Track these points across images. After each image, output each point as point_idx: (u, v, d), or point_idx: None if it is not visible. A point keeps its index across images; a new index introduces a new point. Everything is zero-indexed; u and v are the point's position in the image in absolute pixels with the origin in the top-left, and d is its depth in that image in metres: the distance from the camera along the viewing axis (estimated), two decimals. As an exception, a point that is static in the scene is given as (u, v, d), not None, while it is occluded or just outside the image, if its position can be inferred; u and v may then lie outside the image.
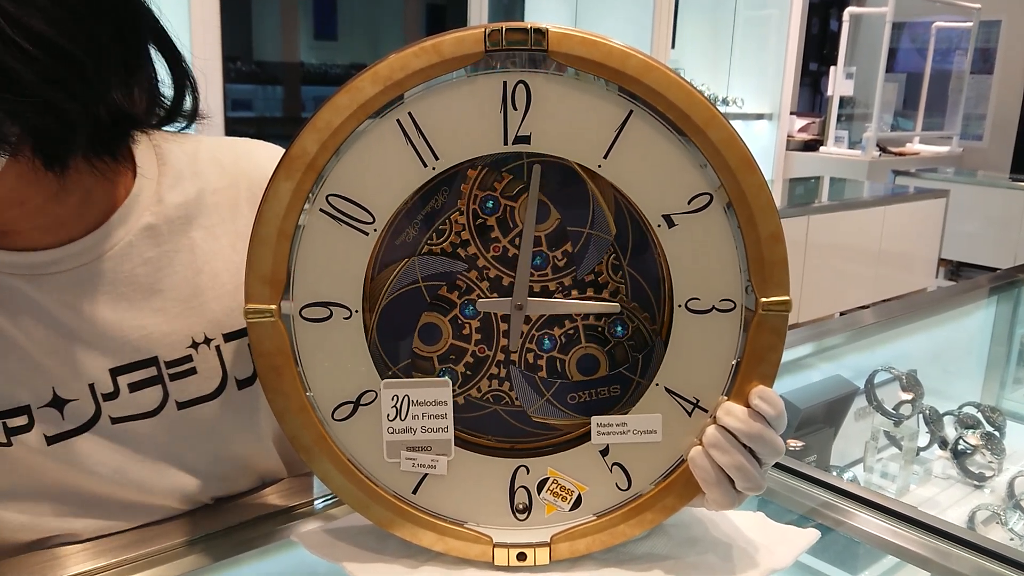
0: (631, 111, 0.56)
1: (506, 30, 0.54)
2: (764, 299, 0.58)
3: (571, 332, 0.63)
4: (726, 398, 0.61)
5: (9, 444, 0.66)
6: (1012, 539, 1.22)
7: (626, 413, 0.62)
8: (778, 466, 0.92)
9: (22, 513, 0.69)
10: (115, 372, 0.69)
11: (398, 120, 0.56)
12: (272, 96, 4.04)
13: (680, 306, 0.60)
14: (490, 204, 0.60)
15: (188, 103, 0.71)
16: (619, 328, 0.63)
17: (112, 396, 0.69)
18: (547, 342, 0.63)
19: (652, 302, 0.62)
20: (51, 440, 0.67)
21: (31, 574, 0.63)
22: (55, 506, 0.70)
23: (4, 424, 0.65)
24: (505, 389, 0.63)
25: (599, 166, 0.58)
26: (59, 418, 0.67)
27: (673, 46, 4.63)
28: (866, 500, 0.85)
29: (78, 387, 0.68)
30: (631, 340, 0.63)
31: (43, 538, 0.71)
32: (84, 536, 0.71)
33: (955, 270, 5.46)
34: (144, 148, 0.72)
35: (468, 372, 0.63)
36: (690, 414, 0.61)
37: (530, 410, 0.64)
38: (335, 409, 0.61)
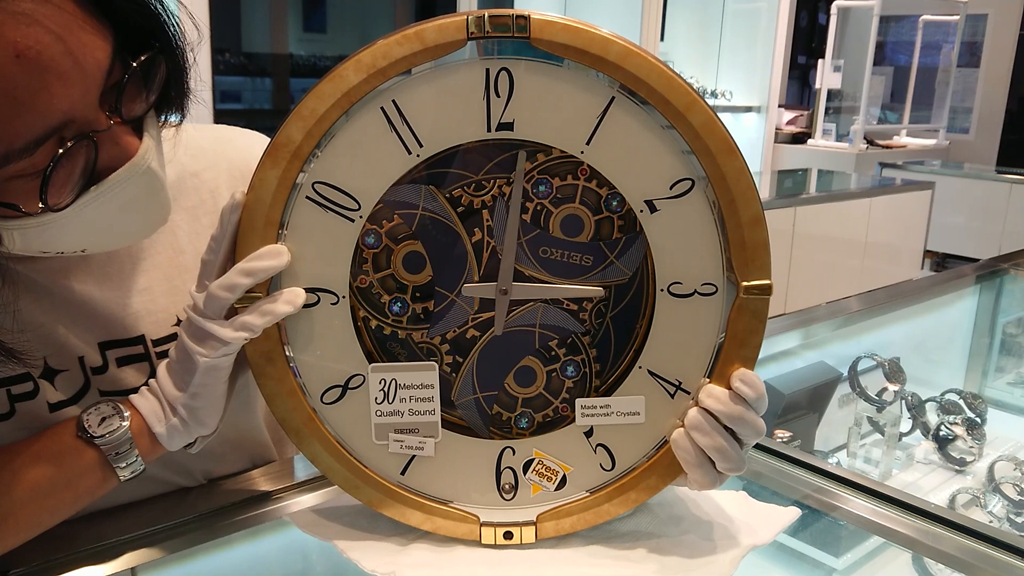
0: (613, 98, 0.57)
1: (488, 17, 0.55)
2: (745, 283, 0.60)
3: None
4: (708, 380, 0.62)
5: (13, 412, 0.67)
6: (991, 521, 1.24)
7: (610, 395, 0.63)
8: (764, 450, 0.93)
9: None
10: (104, 346, 0.70)
11: (382, 108, 0.57)
12: (261, 88, 4.02)
13: (663, 290, 0.61)
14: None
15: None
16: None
17: (101, 370, 0.70)
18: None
19: (635, 286, 0.63)
20: (53, 408, 0.68)
21: (25, 551, 0.63)
22: None
23: (8, 391, 0.67)
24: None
25: (582, 152, 0.59)
26: (52, 388, 0.68)
27: (662, 39, 4.63)
28: (851, 482, 0.86)
29: (68, 359, 0.69)
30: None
31: None
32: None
33: (941, 262, 5.49)
34: None
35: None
36: (673, 396, 0.62)
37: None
38: (324, 392, 0.62)
